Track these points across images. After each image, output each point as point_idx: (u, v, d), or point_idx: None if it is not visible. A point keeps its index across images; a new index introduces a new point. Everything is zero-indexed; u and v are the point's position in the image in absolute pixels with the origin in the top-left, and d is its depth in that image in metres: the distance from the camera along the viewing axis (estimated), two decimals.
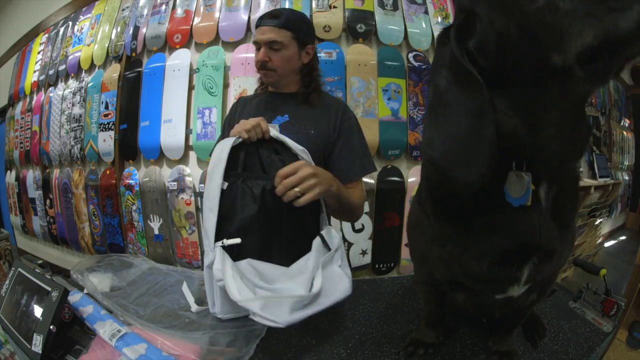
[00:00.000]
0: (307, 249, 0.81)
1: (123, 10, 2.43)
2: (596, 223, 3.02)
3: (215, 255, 0.73)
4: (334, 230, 0.88)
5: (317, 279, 0.75)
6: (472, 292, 0.62)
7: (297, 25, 1.03)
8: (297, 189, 0.78)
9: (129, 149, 2.24)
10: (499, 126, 0.39)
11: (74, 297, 0.81)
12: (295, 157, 0.87)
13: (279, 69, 1.03)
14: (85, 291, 0.86)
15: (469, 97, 0.39)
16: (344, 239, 2.06)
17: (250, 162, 0.85)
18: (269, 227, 0.79)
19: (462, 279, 0.59)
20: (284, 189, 0.78)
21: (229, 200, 0.78)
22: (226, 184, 0.78)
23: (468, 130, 0.40)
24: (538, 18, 0.33)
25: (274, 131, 0.88)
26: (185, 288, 0.90)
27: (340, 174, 1.00)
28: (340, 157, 1.04)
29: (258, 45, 1.02)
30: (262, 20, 1.02)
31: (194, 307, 0.84)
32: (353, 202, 1.01)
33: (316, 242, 0.83)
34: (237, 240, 0.74)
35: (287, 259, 0.78)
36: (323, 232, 0.85)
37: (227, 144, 0.81)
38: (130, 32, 2.30)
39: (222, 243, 0.74)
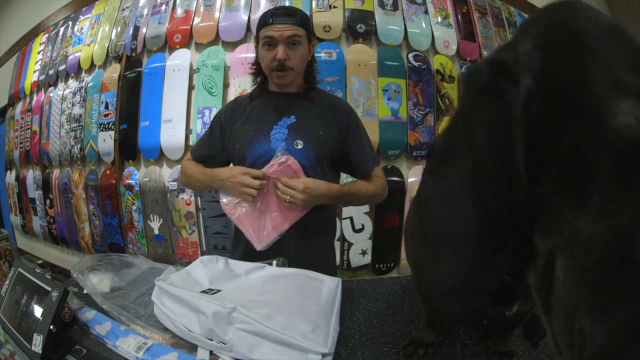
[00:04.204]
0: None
1: (123, 10, 2.43)
2: None
3: None
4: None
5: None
6: None
7: (308, 24, 1.05)
8: (287, 197, 0.95)
9: (129, 149, 2.25)
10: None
11: (87, 315, 0.78)
12: None
13: (296, 68, 1.01)
14: (90, 299, 0.86)
15: (491, 197, 0.29)
16: (344, 239, 2.06)
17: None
18: None
19: None
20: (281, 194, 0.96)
21: None
22: None
23: (477, 251, 0.30)
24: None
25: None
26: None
27: (357, 170, 1.09)
28: (354, 154, 1.08)
29: (273, 41, 0.98)
30: (276, 17, 0.98)
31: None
32: (362, 196, 1.10)
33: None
34: None
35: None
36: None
37: None
38: (130, 32, 2.30)
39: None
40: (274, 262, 0.94)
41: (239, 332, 0.64)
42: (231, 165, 1.11)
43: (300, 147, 1.01)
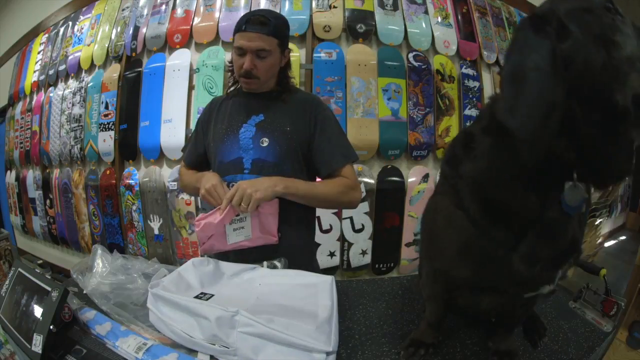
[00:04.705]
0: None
1: (123, 10, 2.43)
2: (596, 223, 3.02)
3: None
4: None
5: None
6: (499, 294, 0.63)
7: (282, 32, 1.04)
8: (242, 205, 0.90)
9: (129, 149, 2.24)
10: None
11: (87, 315, 0.79)
12: None
13: (262, 76, 1.02)
14: (90, 299, 0.86)
15: (551, 87, 0.45)
16: (344, 239, 2.06)
17: None
18: None
19: (500, 282, 0.59)
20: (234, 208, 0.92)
21: None
22: None
23: (544, 111, 0.46)
24: (617, 63, 0.42)
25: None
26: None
27: (323, 165, 1.04)
28: (320, 149, 1.05)
29: (242, 51, 0.99)
30: (248, 25, 0.98)
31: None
32: (325, 193, 1.02)
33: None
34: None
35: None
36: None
37: None
38: (130, 32, 2.30)
39: None
40: (265, 263, 0.95)
41: (242, 336, 0.64)
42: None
43: (265, 144, 1.02)
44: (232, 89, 1.13)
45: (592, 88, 0.44)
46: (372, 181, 2.04)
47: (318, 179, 1.09)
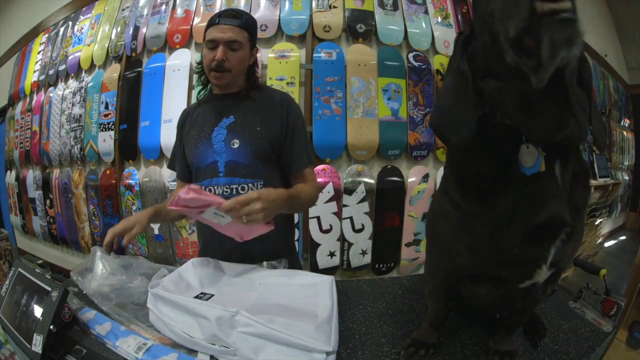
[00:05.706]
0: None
1: (123, 10, 2.43)
2: (596, 223, 3.02)
3: None
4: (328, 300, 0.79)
5: None
6: (496, 283, 0.63)
7: (253, 28, 1.05)
8: (243, 218, 0.81)
9: (129, 149, 2.24)
10: (499, 103, 0.52)
11: (87, 315, 0.79)
12: None
13: (234, 69, 1.02)
14: (90, 298, 0.86)
15: (460, 87, 0.53)
16: (344, 239, 2.06)
17: None
18: None
19: (490, 266, 0.59)
20: (235, 215, 0.82)
21: None
22: None
23: (455, 109, 0.55)
24: (495, 29, 0.44)
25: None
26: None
27: (291, 166, 1.06)
28: (289, 150, 1.06)
29: (214, 43, 1.00)
30: (221, 18, 1.00)
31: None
32: (304, 201, 1.03)
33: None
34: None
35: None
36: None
37: None
38: (130, 32, 2.30)
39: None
40: (265, 264, 0.95)
41: (242, 336, 0.64)
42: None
43: (236, 146, 1.02)
44: (202, 93, 1.13)
45: (496, 64, 0.47)
46: (372, 181, 2.04)
47: None
